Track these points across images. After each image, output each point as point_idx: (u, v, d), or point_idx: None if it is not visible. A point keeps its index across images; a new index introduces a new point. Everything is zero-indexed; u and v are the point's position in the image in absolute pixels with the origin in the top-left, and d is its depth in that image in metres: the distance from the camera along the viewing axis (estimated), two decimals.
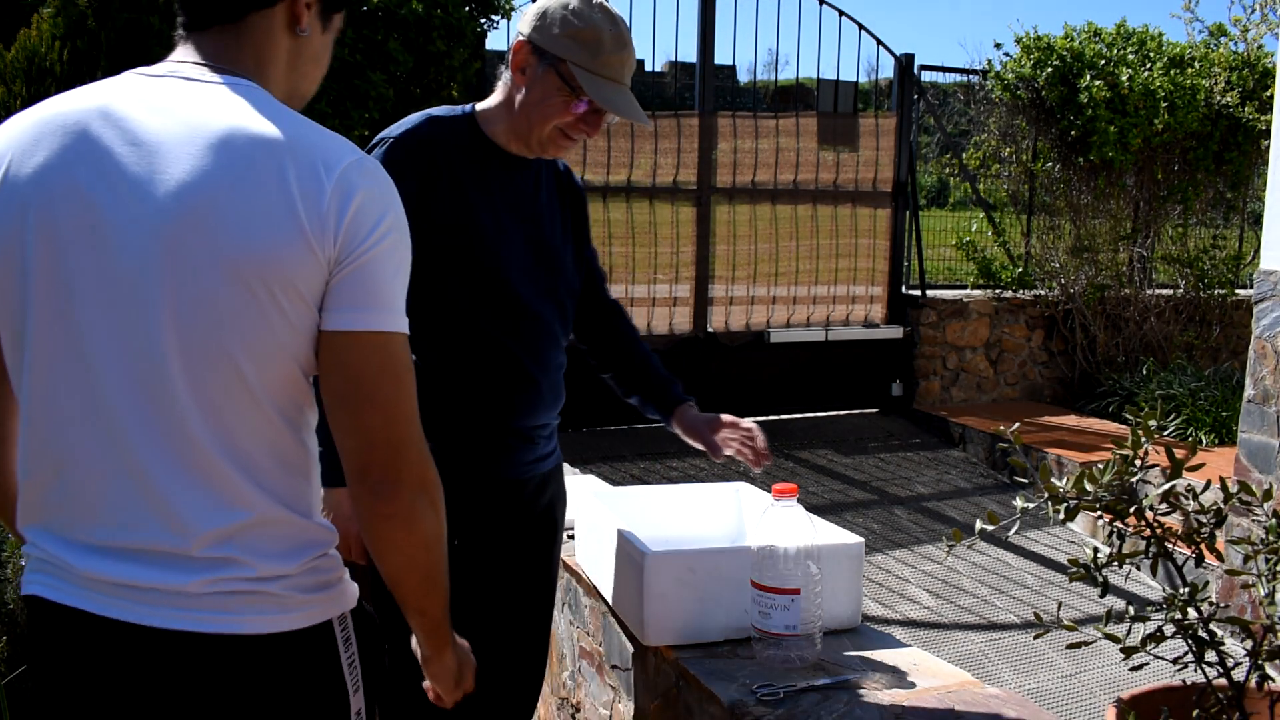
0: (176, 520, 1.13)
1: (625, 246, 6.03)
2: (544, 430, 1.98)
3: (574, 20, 1.82)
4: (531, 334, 1.89)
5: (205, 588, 1.13)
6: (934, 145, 10.52)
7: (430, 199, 1.78)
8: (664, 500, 2.31)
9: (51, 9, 3.45)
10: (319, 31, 1.28)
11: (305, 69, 1.28)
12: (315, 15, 1.26)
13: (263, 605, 1.15)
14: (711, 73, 6.22)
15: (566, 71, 1.81)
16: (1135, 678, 2.37)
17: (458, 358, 1.84)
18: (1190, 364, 7.04)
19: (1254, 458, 4.26)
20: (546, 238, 1.92)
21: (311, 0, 1.25)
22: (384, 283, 1.15)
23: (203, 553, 1.13)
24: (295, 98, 1.29)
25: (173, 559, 1.13)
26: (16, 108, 3.37)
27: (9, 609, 2.49)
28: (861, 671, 1.78)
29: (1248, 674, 1.62)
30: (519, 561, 1.99)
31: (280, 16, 1.23)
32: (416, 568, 1.24)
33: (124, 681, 1.14)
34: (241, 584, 1.14)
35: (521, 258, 1.87)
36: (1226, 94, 6.97)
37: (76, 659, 1.17)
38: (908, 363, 6.89)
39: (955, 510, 5.55)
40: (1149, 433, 1.65)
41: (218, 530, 1.13)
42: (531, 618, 2.05)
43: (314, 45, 1.28)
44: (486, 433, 1.88)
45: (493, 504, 1.90)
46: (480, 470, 1.88)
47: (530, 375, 1.90)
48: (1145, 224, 7.36)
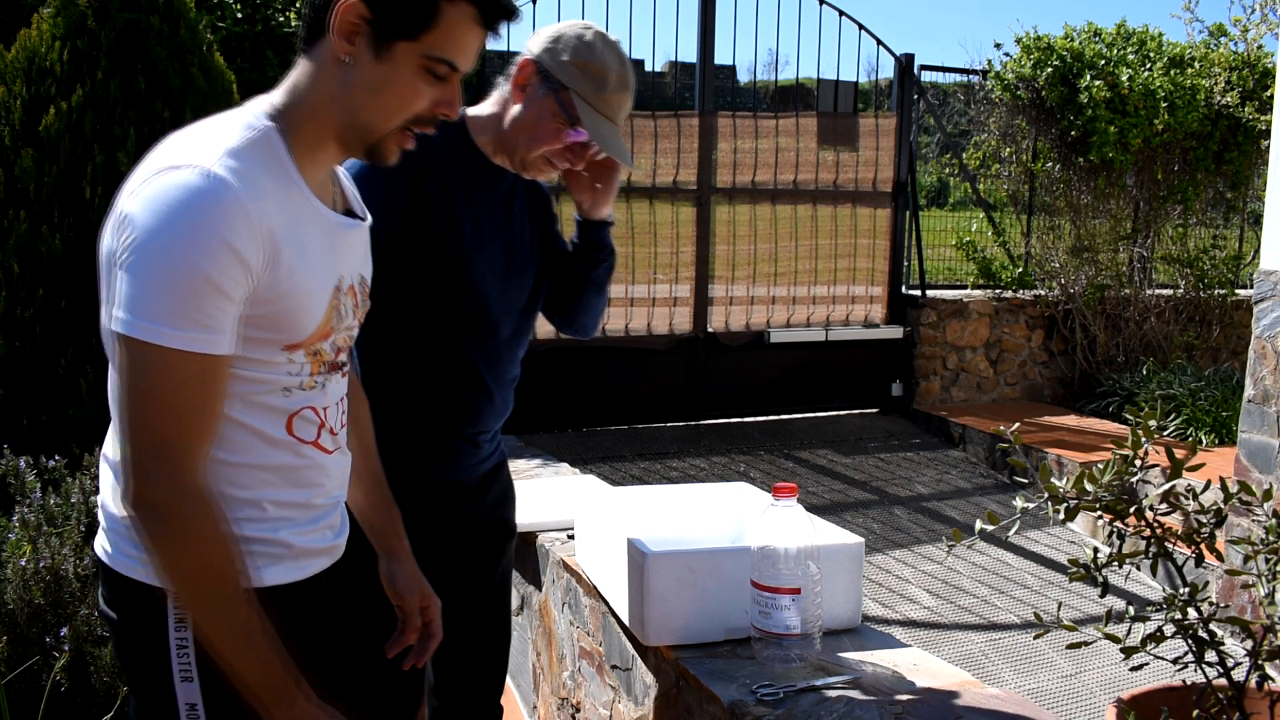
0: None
1: (625, 246, 6.03)
2: (488, 435, 1.99)
3: (585, 52, 1.84)
4: (494, 346, 1.90)
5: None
6: (934, 145, 10.52)
7: (420, 201, 1.77)
8: (664, 500, 2.31)
9: (51, 9, 3.45)
10: (370, 60, 1.25)
11: (357, 98, 1.27)
12: (365, 45, 1.25)
13: (108, 536, 1.31)
14: (711, 73, 6.22)
15: (567, 99, 1.82)
16: (1135, 678, 2.37)
17: (418, 361, 1.85)
18: (1190, 364, 7.04)
19: (1254, 458, 4.26)
20: (518, 251, 1.93)
21: (354, 29, 1.24)
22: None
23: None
24: (354, 128, 1.29)
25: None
26: (16, 108, 3.37)
27: (9, 609, 2.50)
28: (861, 671, 1.78)
29: (1248, 674, 1.62)
30: (468, 560, 2.01)
31: (327, 50, 1.26)
32: (173, 589, 1.22)
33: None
34: (102, 511, 1.33)
35: (495, 270, 1.88)
36: (1226, 94, 6.97)
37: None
38: (908, 363, 6.89)
39: (955, 510, 5.55)
40: (1149, 433, 1.65)
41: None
42: (488, 613, 2.07)
43: (366, 75, 1.25)
44: (434, 438, 1.88)
45: (434, 505, 1.90)
46: (421, 472, 1.87)
47: (487, 386, 1.90)
48: (1145, 224, 7.36)
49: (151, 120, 3.41)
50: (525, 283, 1.95)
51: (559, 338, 5.82)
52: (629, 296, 6.05)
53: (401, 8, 1.24)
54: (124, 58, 3.42)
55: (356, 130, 1.29)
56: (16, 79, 3.41)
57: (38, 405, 3.21)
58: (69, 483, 2.77)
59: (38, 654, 2.48)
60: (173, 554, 1.19)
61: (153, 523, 1.18)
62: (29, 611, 2.49)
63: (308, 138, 1.29)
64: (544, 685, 2.89)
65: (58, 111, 3.33)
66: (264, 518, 1.31)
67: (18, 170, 3.31)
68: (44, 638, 2.49)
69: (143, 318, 1.14)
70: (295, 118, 1.29)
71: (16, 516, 2.62)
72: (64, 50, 3.40)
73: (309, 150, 1.30)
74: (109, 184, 3.32)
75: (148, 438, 1.17)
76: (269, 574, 1.31)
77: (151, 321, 1.14)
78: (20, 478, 2.80)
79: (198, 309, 1.15)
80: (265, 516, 1.31)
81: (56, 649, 2.46)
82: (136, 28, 3.44)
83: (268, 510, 1.31)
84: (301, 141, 1.29)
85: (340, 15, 1.23)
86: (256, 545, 1.29)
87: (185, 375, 1.16)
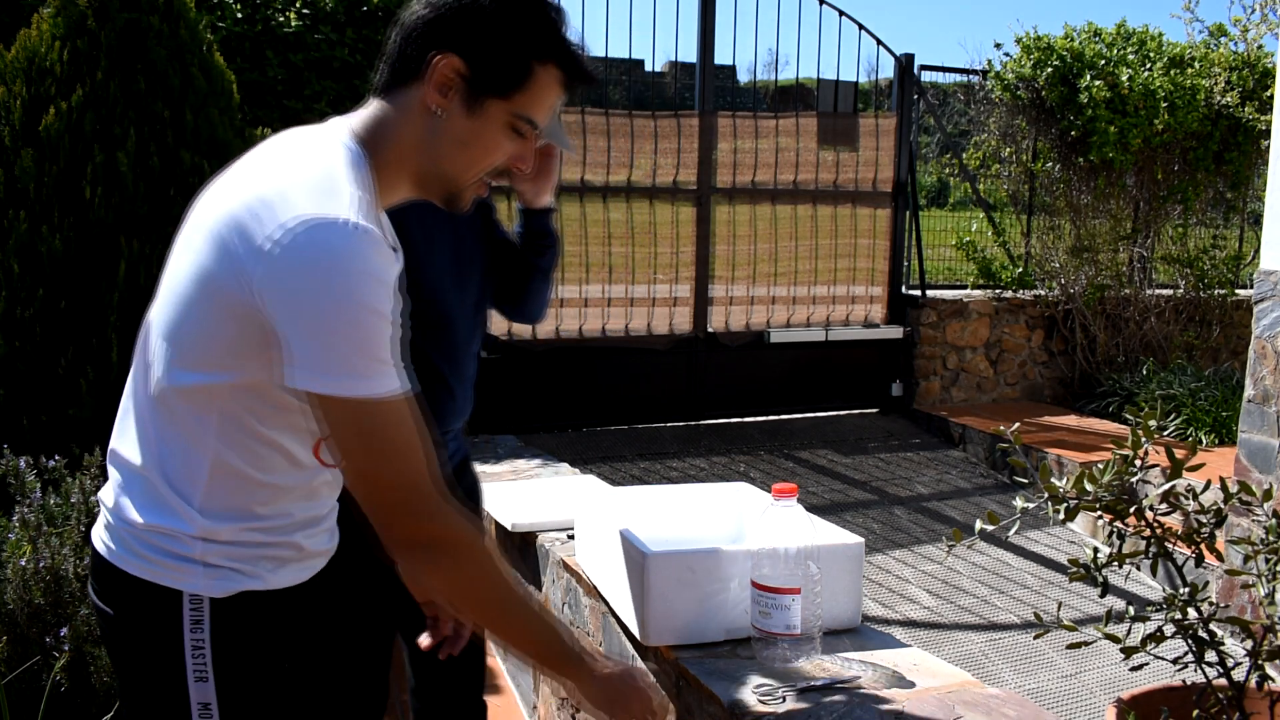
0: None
1: (625, 246, 6.03)
2: (451, 434, 2.02)
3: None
4: (453, 346, 1.93)
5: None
6: (934, 145, 10.52)
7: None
8: (664, 500, 2.31)
9: (51, 9, 3.45)
10: (462, 116, 1.29)
11: (444, 149, 1.30)
12: (458, 99, 1.28)
13: (116, 537, 1.32)
14: (711, 73, 6.22)
15: None
16: (1135, 678, 2.37)
17: None
18: (1190, 364, 7.04)
19: (1254, 458, 4.26)
20: (464, 248, 1.95)
21: (449, 84, 1.28)
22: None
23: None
24: (435, 177, 1.33)
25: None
26: (16, 108, 3.37)
27: (9, 609, 2.50)
28: (861, 671, 1.78)
29: (1248, 674, 1.62)
30: None
31: (416, 98, 1.29)
32: (461, 608, 1.36)
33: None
34: (109, 514, 1.33)
35: (448, 270, 1.90)
36: (1226, 94, 6.97)
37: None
38: (908, 363, 6.89)
39: (955, 510, 5.55)
40: (1149, 433, 1.65)
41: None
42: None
43: (455, 128, 1.29)
44: None
45: None
46: None
47: (449, 386, 1.94)
48: (1145, 224, 7.35)
49: (151, 120, 3.41)
50: (474, 279, 1.98)
51: (559, 337, 5.82)
52: (629, 296, 6.05)
53: (498, 68, 1.28)
54: (124, 58, 3.42)
55: (438, 179, 1.33)
56: (16, 79, 3.41)
57: (38, 405, 3.21)
58: (69, 483, 2.77)
59: (38, 654, 2.48)
60: (465, 576, 1.29)
61: (440, 554, 1.26)
62: (29, 611, 2.49)
63: (388, 178, 1.32)
64: (544, 685, 2.89)
65: (58, 111, 3.33)
66: (282, 528, 1.34)
67: (18, 170, 3.31)
68: (44, 638, 2.49)
69: (350, 376, 1.17)
70: (380, 159, 1.30)
71: (16, 516, 2.62)
72: (64, 50, 3.40)
73: (385, 189, 1.33)
74: (109, 184, 3.32)
75: (402, 483, 1.23)
76: (281, 576, 1.34)
77: (373, 378, 1.18)
78: (20, 478, 2.80)
79: (390, 355, 1.20)
80: (283, 527, 1.34)
81: (56, 649, 2.46)
82: (136, 28, 3.44)
83: (285, 522, 1.34)
84: (382, 180, 1.31)
85: (438, 69, 1.27)
86: (270, 549, 1.32)
87: (401, 416, 1.21)
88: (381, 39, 2.12)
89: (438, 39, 1.28)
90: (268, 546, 1.32)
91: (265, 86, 4.74)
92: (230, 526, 1.28)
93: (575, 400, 5.90)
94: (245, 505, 1.29)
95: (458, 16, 1.27)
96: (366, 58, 4.83)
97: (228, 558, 1.28)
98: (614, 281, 6.02)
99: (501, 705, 3.15)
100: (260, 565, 1.31)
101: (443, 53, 1.27)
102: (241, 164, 1.30)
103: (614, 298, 6.02)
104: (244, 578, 1.30)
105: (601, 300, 6.00)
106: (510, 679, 3.29)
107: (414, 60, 1.28)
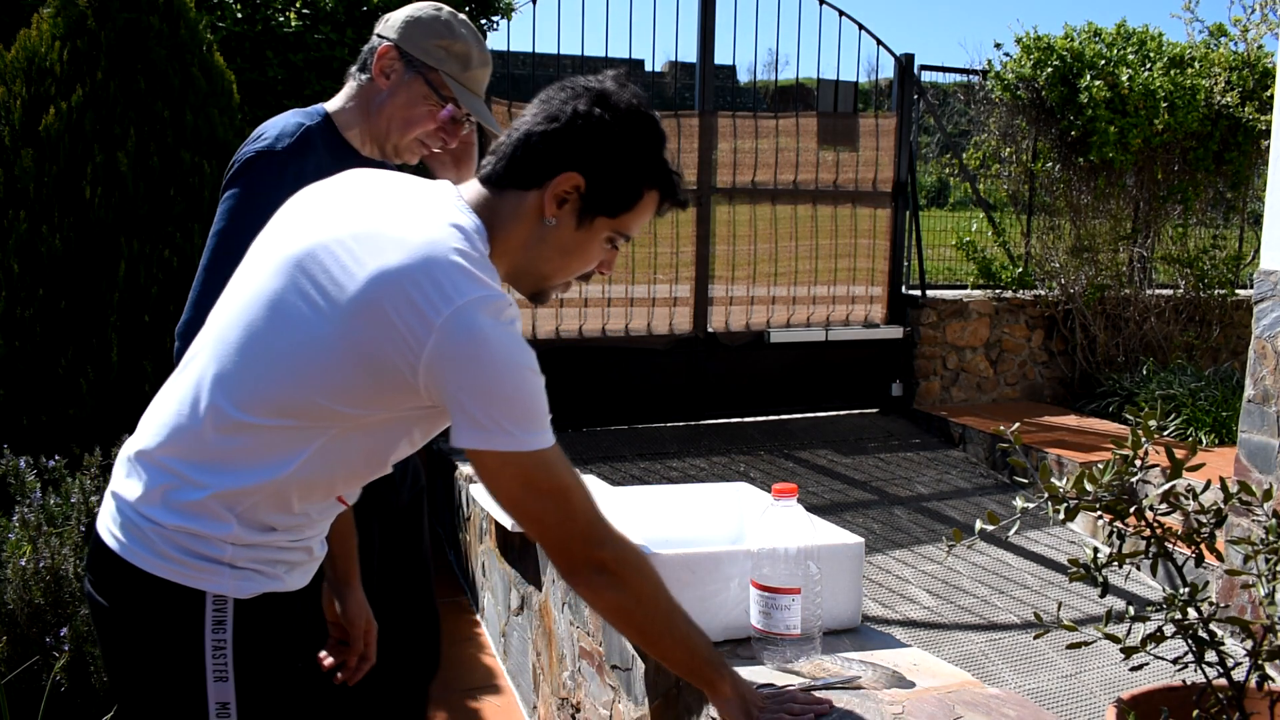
0: None
1: (625, 246, 6.02)
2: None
3: (447, 32, 1.92)
4: None
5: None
6: (934, 145, 10.52)
7: None
8: (664, 500, 2.31)
9: (51, 9, 3.45)
10: (571, 228, 1.39)
11: (546, 254, 1.40)
12: (570, 212, 1.38)
13: (134, 535, 1.32)
14: (711, 73, 6.22)
15: (437, 80, 1.89)
16: (1135, 678, 2.37)
17: None
18: (1190, 364, 7.04)
19: (1254, 458, 4.26)
20: None
21: (567, 198, 1.37)
22: None
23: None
24: (527, 275, 1.42)
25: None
26: (16, 108, 3.37)
27: (9, 609, 2.50)
28: (861, 671, 1.78)
29: (1248, 674, 1.62)
30: (397, 546, 2.11)
31: (532, 202, 1.37)
32: (628, 629, 1.47)
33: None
34: (129, 509, 1.34)
35: None
36: (1226, 94, 6.97)
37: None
38: (908, 363, 6.89)
39: (955, 510, 5.55)
40: (1149, 433, 1.65)
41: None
42: (417, 594, 2.18)
43: (562, 237, 1.39)
44: None
45: (365, 502, 1.97)
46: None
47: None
48: (1145, 224, 7.35)
49: (151, 120, 3.41)
50: None
51: (559, 337, 5.82)
52: (629, 296, 6.05)
53: (615, 191, 1.39)
54: (124, 58, 3.42)
55: (533, 277, 1.43)
56: (16, 79, 3.41)
57: (38, 405, 3.21)
58: (69, 483, 2.77)
59: (38, 654, 2.48)
60: (639, 595, 1.40)
61: (616, 577, 1.37)
62: (29, 611, 2.49)
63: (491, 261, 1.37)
64: (544, 685, 2.89)
65: (57, 111, 3.33)
66: (301, 545, 1.39)
67: (18, 170, 3.31)
68: (44, 638, 2.49)
69: (528, 432, 1.29)
70: (492, 248, 1.36)
71: (16, 516, 2.62)
72: (64, 50, 3.40)
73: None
74: (109, 184, 3.32)
75: (579, 518, 1.35)
76: (294, 579, 1.39)
77: (535, 433, 1.29)
78: (20, 478, 2.80)
79: (547, 410, 1.32)
80: (303, 544, 1.40)
81: (56, 649, 2.46)
82: (136, 28, 3.44)
83: (304, 525, 1.39)
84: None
85: (559, 183, 1.36)
86: (288, 553, 1.37)
87: (564, 460, 1.34)
88: None
89: (562, 154, 1.36)
90: (286, 551, 1.36)
91: (265, 86, 4.73)
92: (261, 535, 1.32)
93: (575, 400, 5.90)
94: (278, 522, 1.34)
95: (584, 136, 1.36)
96: None
97: (253, 560, 1.32)
98: (614, 281, 6.01)
99: (501, 705, 3.15)
100: (278, 567, 1.35)
101: (567, 171, 1.35)
102: (354, 206, 1.35)
103: (614, 298, 6.02)
104: (266, 579, 1.33)
105: (601, 300, 6.00)
106: (510, 679, 3.29)
107: (535, 170, 1.36)
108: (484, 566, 3.65)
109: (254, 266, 1.36)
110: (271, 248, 1.36)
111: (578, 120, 1.36)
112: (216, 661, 1.31)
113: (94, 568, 1.37)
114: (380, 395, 1.28)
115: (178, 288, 3.27)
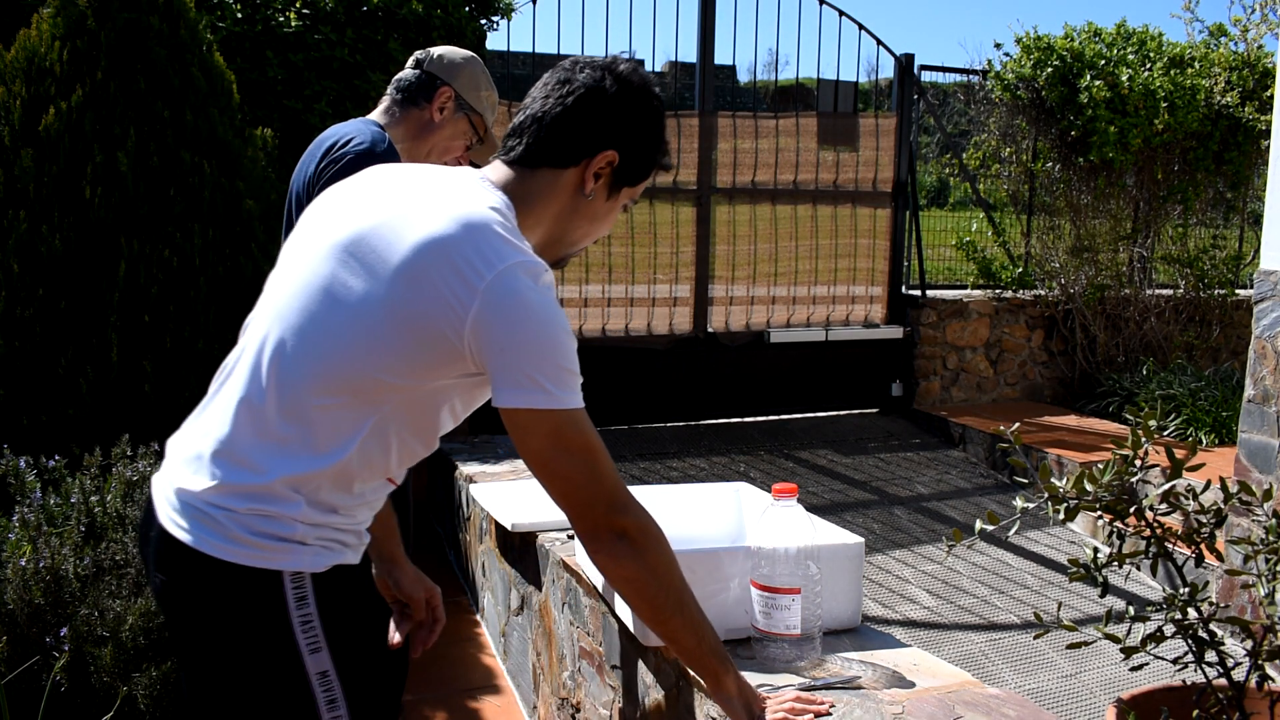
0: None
1: (625, 246, 6.03)
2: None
3: (486, 83, 2.43)
4: None
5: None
6: (934, 145, 10.52)
7: None
8: (664, 500, 2.30)
9: (51, 9, 3.45)
10: (603, 199, 1.52)
11: (578, 223, 1.53)
12: (604, 185, 1.51)
13: (204, 525, 1.35)
14: (711, 73, 6.22)
15: (479, 123, 2.41)
16: (1135, 678, 2.37)
17: None
18: (1190, 364, 7.04)
19: (1254, 458, 4.26)
20: None
21: (603, 172, 1.50)
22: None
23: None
24: (560, 242, 1.53)
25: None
26: (16, 108, 3.37)
27: (9, 609, 2.49)
28: (861, 671, 1.78)
29: (1248, 674, 1.62)
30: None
31: (570, 178, 1.49)
32: (641, 602, 1.47)
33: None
34: (197, 501, 1.36)
35: None
36: (1226, 94, 6.97)
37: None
38: (908, 363, 6.89)
39: (955, 510, 5.55)
40: (1149, 433, 1.65)
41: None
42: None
43: (595, 207, 1.52)
44: None
45: None
46: None
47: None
48: (1145, 224, 7.35)
49: (151, 120, 3.41)
50: None
51: None
52: (629, 296, 6.05)
53: (643, 166, 1.54)
54: (124, 58, 3.42)
55: (563, 244, 1.54)
56: (16, 79, 3.41)
57: (38, 405, 3.21)
58: (69, 483, 2.77)
59: (38, 654, 2.48)
60: (653, 563, 1.43)
61: (632, 543, 1.41)
62: (29, 611, 2.49)
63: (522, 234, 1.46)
64: (544, 685, 2.89)
65: (57, 111, 3.33)
66: (355, 527, 1.45)
67: (17, 170, 3.31)
68: (44, 638, 2.49)
69: (563, 390, 1.34)
70: (521, 221, 1.44)
71: (16, 516, 2.62)
72: (64, 50, 3.40)
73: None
74: (109, 184, 3.32)
75: (605, 480, 1.40)
76: (353, 554, 1.44)
77: (570, 391, 1.35)
78: (20, 478, 2.80)
79: (579, 371, 1.38)
80: (356, 526, 1.45)
81: (56, 649, 2.46)
82: (136, 28, 3.44)
83: (360, 505, 1.44)
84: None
85: (600, 160, 1.48)
86: (345, 533, 1.41)
87: (591, 424, 1.39)
88: (381, 39, 2.16)
89: (599, 135, 1.48)
90: (344, 532, 1.41)
91: (265, 86, 4.73)
92: (326, 515, 1.38)
93: None
94: (340, 503, 1.39)
95: (617, 118, 1.49)
96: (366, 58, 4.83)
97: (320, 537, 1.37)
98: (614, 281, 6.02)
99: (501, 705, 3.14)
100: (341, 543, 1.41)
101: (604, 150, 1.48)
102: (393, 193, 1.42)
103: (614, 298, 6.02)
104: (333, 554, 1.39)
105: (601, 300, 6.00)
106: (510, 679, 3.29)
107: (573, 149, 1.48)
108: (484, 566, 3.65)
109: (301, 256, 1.42)
110: (317, 237, 1.42)
111: (609, 103, 1.48)
112: (308, 635, 1.35)
113: (165, 566, 1.38)
114: (430, 365, 1.34)
115: (177, 287, 3.27)
